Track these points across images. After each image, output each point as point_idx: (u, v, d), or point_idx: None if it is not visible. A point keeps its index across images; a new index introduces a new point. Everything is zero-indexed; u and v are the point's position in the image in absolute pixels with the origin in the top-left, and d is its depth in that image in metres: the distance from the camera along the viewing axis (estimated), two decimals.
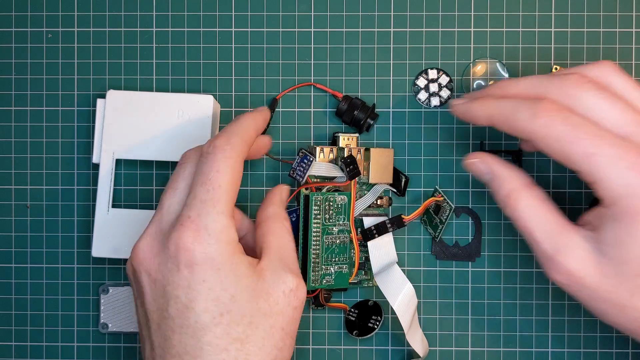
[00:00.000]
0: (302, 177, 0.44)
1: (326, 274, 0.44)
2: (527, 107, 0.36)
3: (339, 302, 0.47)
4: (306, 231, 0.44)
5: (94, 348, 0.48)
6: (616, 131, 0.35)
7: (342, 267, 0.45)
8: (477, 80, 0.47)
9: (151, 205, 0.47)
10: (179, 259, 0.37)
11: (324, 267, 0.44)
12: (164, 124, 0.45)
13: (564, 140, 0.35)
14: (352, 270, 0.45)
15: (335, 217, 0.44)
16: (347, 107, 0.46)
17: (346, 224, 0.45)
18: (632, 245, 0.34)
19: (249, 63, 0.48)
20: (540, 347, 0.47)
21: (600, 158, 0.34)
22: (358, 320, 0.46)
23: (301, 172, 0.44)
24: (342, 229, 0.45)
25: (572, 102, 0.36)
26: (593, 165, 0.34)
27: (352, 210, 0.44)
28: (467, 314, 0.47)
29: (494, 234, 0.47)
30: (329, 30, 0.47)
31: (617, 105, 0.35)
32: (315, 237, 0.44)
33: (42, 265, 0.48)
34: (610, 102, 0.35)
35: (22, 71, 0.48)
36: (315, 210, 0.44)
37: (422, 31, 0.47)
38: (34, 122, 0.48)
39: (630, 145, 0.34)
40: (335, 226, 0.44)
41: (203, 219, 0.37)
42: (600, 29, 0.47)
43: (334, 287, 0.45)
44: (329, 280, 0.45)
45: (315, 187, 0.44)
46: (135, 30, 0.48)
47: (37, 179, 0.48)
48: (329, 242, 0.44)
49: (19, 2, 0.48)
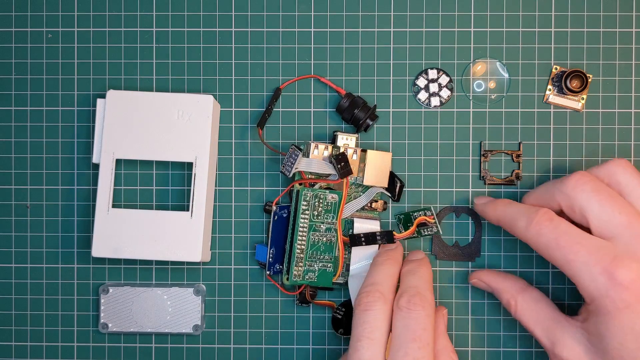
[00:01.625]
0: (289, 172, 0.44)
1: (309, 270, 0.45)
2: (524, 216, 0.41)
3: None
4: (294, 225, 0.44)
5: (94, 348, 0.48)
6: (602, 233, 0.39)
7: (326, 265, 0.45)
8: (477, 80, 0.47)
9: (151, 205, 0.47)
10: None
11: (308, 263, 0.45)
12: (164, 124, 0.45)
13: (550, 247, 0.40)
14: (336, 270, 0.45)
15: (324, 214, 0.44)
16: (349, 104, 0.46)
17: (334, 222, 0.45)
18: (609, 338, 0.38)
19: (249, 63, 0.48)
20: (540, 347, 0.47)
21: (577, 264, 0.39)
22: (345, 318, 0.46)
23: (289, 167, 0.44)
24: (329, 227, 0.45)
25: (570, 203, 0.41)
26: (573, 269, 0.39)
27: (341, 210, 0.45)
28: (467, 314, 0.47)
29: (494, 234, 0.47)
30: (329, 30, 0.47)
31: (606, 208, 0.39)
32: (301, 232, 0.44)
33: (42, 265, 0.48)
34: (600, 204, 0.40)
35: (22, 71, 0.48)
36: (303, 205, 0.44)
37: (422, 31, 0.47)
38: (34, 122, 0.48)
39: (605, 251, 0.38)
40: (323, 224, 0.45)
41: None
42: (600, 29, 0.47)
43: (317, 284, 0.45)
44: (311, 277, 0.45)
45: (309, 183, 0.44)
46: (135, 30, 0.48)
47: (37, 179, 0.48)
48: (315, 239, 0.44)
49: (19, 2, 0.48)
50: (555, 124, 0.47)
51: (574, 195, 0.40)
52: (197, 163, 0.45)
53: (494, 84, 0.47)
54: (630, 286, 0.38)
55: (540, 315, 0.42)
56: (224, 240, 0.47)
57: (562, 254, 0.39)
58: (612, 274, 0.38)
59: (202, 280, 0.47)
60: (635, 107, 0.47)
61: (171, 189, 0.47)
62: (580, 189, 0.40)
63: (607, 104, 0.47)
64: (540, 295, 0.43)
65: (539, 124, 0.47)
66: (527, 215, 0.41)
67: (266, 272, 0.46)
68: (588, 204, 0.40)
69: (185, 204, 0.47)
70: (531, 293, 0.43)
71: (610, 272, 0.38)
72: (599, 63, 0.47)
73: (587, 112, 0.47)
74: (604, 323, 0.39)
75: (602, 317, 0.39)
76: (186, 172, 0.47)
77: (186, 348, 0.48)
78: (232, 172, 0.47)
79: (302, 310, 0.47)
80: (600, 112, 0.47)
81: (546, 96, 0.47)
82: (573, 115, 0.47)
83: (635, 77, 0.47)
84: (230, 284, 0.47)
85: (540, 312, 0.43)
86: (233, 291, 0.47)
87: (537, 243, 0.41)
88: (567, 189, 0.41)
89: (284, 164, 0.44)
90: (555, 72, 0.47)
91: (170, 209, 0.47)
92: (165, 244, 0.45)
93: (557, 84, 0.47)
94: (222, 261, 0.47)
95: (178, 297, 0.47)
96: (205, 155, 0.45)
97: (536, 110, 0.47)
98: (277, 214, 0.46)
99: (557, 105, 0.47)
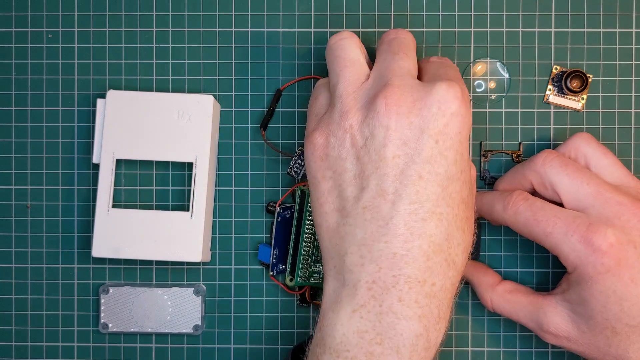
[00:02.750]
0: (298, 174, 0.44)
1: (314, 272, 0.45)
2: (500, 200, 0.43)
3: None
4: (299, 227, 0.44)
5: (94, 348, 0.48)
6: (574, 205, 0.41)
7: None
8: (477, 80, 0.47)
9: (151, 205, 0.47)
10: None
11: (313, 265, 0.45)
12: (164, 124, 0.45)
13: (529, 224, 0.41)
14: None
15: None
16: None
17: None
18: (593, 303, 0.40)
19: (249, 63, 0.48)
20: (540, 347, 0.47)
21: (556, 236, 0.40)
22: None
23: (298, 170, 0.44)
24: None
25: (541, 180, 0.42)
26: (552, 242, 0.40)
27: None
28: (467, 314, 0.47)
29: (494, 234, 0.47)
30: (329, 30, 0.47)
31: (575, 181, 0.41)
32: (307, 233, 0.44)
33: (42, 265, 0.48)
34: (569, 177, 0.41)
35: (23, 71, 0.48)
36: (310, 207, 0.44)
37: (422, 31, 0.47)
38: (34, 122, 0.48)
39: (580, 220, 0.40)
40: None
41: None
42: (600, 29, 0.47)
43: (321, 285, 0.45)
44: (316, 278, 0.45)
45: None
46: (135, 30, 0.48)
47: (37, 179, 0.48)
48: None
49: (19, 2, 0.48)
50: (555, 124, 0.47)
51: (543, 171, 0.42)
52: (197, 163, 0.45)
53: (494, 84, 0.47)
54: (609, 251, 0.39)
55: (517, 305, 0.44)
56: (224, 240, 0.47)
57: (540, 229, 0.41)
58: (589, 240, 0.39)
59: (202, 280, 0.47)
60: (635, 107, 0.47)
61: (171, 189, 0.47)
62: (549, 165, 0.42)
63: (607, 104, 0.47)
64: (512, 285, 0.45)
65: (539, 124, 0.47)
66: (503, 199, 0.43)
67: (270, 273, 0.46)
68: (558, 178, 0.41)
69: (186, 204, 0.47)
70: (503, 286, 0.45)
71: (588, 239, 0.39)
72: (599, 63, 0.47)
73: (587, 112, 0.47)
74: (586, 289, 0.40)
75: (584, 283, 0.40)
76: (186, 172, 0.47)
77: (186, 348, 0.48)
78: (233, 172, 0.47)
79: (302, 310, 0.47)
80: (600, 112, 0.47)
81: (546, 96, 0.47)
82: (573, 115, 0.47)
83: (635, 77, 0.47)
84: (230, 284, 0.47)
85: (516, 302, 0.44)
86: (233, 291, 0.47)
87: (516, 222, 0.42)
88: (537, 166, 0.42)
89: (291, 166, 0.44)
90: (555, 72, 0.47)
91: (171, 209, 0.47)
92: (165, 244, 0.45)
93: (557, 84, 0.47)
94: (222, 261, 0.47)
95: (178, 297, 0.47)
96: (205, 155, 0.45)
97: (536, 110, 0.47)
98: (281, 215, 0.46)
99: (557, 105, 0.47)
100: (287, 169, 0.44)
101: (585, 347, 0.41)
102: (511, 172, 0.45)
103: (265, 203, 0.47)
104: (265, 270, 0.47)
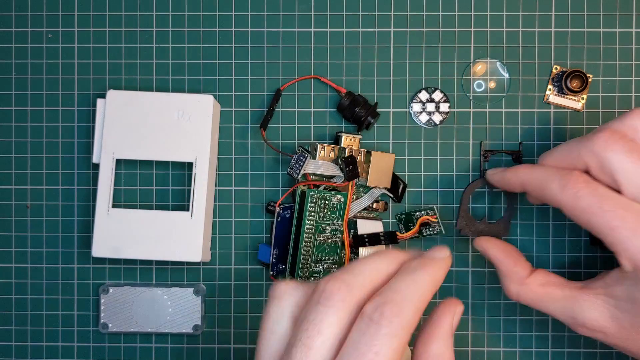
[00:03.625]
0: (297, 174, 0.44)
1: (314, 272, 0.45)
2: (557, 179, 0.38)
3: None
4: (299, 227, 0.44)
5: (94, 348, 0.48)
6: (638, 197, 0.37)
7: (331, 266, 0.45)
8: (477, 80, 0.47)
9: (151, 206, 0.47)
10: None
11: (313, 265, 0.45)
12: (164, 124, 0.45)
13: (590, 213, 0.37)
14: None
15: (329, 216, 0.44)
16: (349, 102, 0.46)
17: (340, 224, 0.45)
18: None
19: (249, 63, 0.48)
20: (540, 347, 0.47)
21: (623, 231, 0.36)
22: None
23: (297, 169, 0.44)
24: (335, 229, 0.45)
25: (600, 164, 0.37)
26: (616, 237, 0.36)
27: (347, 212, 0.45)
28: (467, 314, 0.47)
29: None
30: (329, 30, 0.47)
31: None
32: (307, 233, 0.44)
33: (42, 265, 0.48)
34: (635, 165, 0.37)
35: (22, 71, 0.48)
36: (310, 207, 0.44)
37: (422, 31, 0.47)
38: (34, 122, 0.48)
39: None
40: (328, 225, 0.45)
41: None
42: (600, 29, 0.47)
43: None
44: (316, 278, 0.45)
45: (313, 185, 0.44)
46: (135, 30, 0.48)
47: (37, 179, 0.48)
48: (320, 240, 0.45)
49: (19, 2, 0.48)
50: (555, 124, 0.47)
51: (604, 155, 0.37)
52: (197, 163, 0.45)
53: (494, 84, 0.47)
54: None
55: (549, 298, 0.40)
56: (224, 240, 0.47)
57: (605, 220, 0.36)
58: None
59: (202, 280, 0.47)
60: (635, 107, 0.47)
61: (171, 189, 0.47)
62: (611, 150, 0.37)
63: (607, 104, 0.47)
64: (544, 277, 0.41)
65: (539, 124, 0.47)
66: (560, 177, 0.38)
67: (270, 273, 0.46)
68: (620, 165, 0.37)
69: (185, 204, 0.47)
70: (535, 278, 0.41)
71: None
72: (599, 63, 0.47)
73: (587, 112, 0.47)
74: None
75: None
76: (186, 172, 0.47)
77: (186, 348, 0.48)
78: (233, 172, 0.47)
79: None
80: (600, 112, 0.47)
81: (546, 96, 0.47)
82: (573, 115, 0.47)
83: (635, 77, 0.47)
84: (230, 284, 0.47)
85: (548, 296, 0.40)
86: (233, 291, 0.47)
87: (574, 206, 0.37)
88: (597, 148, 0.37)
89: (291, 165, 0.44)
90: (555, 72, 0.47)
91: (171, 209, 0.47)
92: (165, 244, 0.45)
93: (557, 84, 0.47)
94: (222, 261, 0.47)
95: (178, 297, 0.47)
96: (205, 155, 0.45)
97: (536, 110, 0.47)
98: (281, 215, 0.46)
99: (557, 105, 0.47)
100: (287, 169, 0.44)
101: (621, 340, 0.39)
102: (563, 148, 0.40)
103: (265, 203, 0.47)
104: (265, 270, 0.47)
